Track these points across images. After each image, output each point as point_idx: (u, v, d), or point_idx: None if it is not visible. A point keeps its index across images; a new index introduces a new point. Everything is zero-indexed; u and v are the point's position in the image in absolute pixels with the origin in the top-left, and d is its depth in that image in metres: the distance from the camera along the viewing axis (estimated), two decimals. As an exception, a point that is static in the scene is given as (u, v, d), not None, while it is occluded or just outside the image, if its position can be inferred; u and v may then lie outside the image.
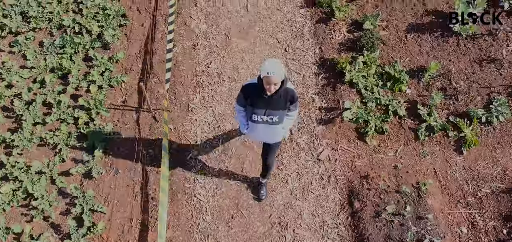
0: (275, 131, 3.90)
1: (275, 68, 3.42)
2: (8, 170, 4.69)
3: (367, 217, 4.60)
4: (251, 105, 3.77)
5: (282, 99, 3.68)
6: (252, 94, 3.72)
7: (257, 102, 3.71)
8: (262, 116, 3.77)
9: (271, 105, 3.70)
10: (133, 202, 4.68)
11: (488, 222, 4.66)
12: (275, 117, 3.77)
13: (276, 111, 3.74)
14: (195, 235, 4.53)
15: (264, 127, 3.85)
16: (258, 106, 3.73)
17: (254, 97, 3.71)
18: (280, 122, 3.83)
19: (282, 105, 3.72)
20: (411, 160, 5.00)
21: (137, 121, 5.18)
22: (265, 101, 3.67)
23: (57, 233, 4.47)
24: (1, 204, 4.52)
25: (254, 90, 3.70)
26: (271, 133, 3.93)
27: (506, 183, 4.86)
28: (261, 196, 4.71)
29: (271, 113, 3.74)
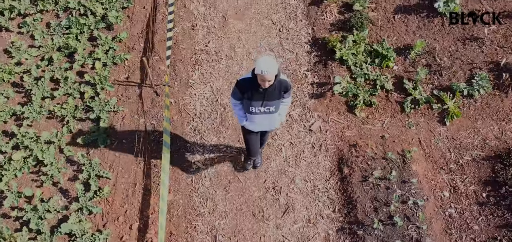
0: (272, 118, 4.15)
1: (269, 66, 3.61)
2: (19, 140, 4.98)
3: (355, 182, 4.90)
4: (248, 99, 3.95)
5: (276, 91, 3.90)
6: (248, 89, 3.90)
7: (253, 96, 3.90)
8: (260, 108, 3.99)
9: (267, 97, 3.91)
10: (136, 169, 4.98)
11: (468, 187, 4.96)
12: (272, 107, 4.00)
13: (272, 102, 3.96)
14: (195, 199, 4.83)
15: (262, 116, 4.08)
16: (255, 99, 3.92)
17: (250, 91, 3.90)
18: (276, 111, 4.08)
19: (277, 96, 3.95)
20: (397, 130, 5.30)
21: (140, 95, 5.47)
22: (261, 94, 3.88)
23: (66, 197, 4.76)
24: (13, 171, 4.81)
25: (249, 85, 3.88)
26: (269, 121, 4.17)
27: (486, 151, 5.16)
28: (256, 163, 5.00)
29: (268, 104, 3.97)
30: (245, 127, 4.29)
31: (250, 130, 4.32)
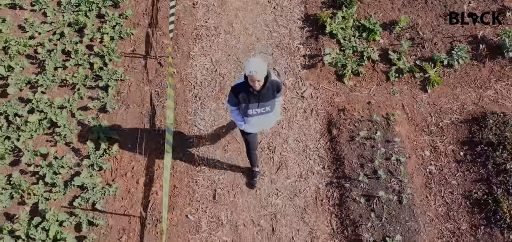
0: (268, 118, 4.35)
1: (257, 67, 3.76)
2: (34, 104, 5.38)
3: (343, 141, 5.30)
4: (244, 102, 4.11)
5: (270, 92, 4.08)
6: (242, 93, 4.05)
7: (249, 99, 4.07)
8: (256, 110, 4.16)
9: (262, 98, 4.08)
10: (142, 130, 5.38)
11: (447, 146, 5.37)
12: (268, 107, 4.19)
13: (267, 102, 4.14)
14: (196, 157, 5.22)
15: (259, 118, 4.26)
16: (251, 102, 4.09)
17: (245, 95, 4.05)
18: (272, 110, 4.26)
19: (271, 96, 4.12)
20: (383, 97, 5.71)
21: (145, 66, 5.87)
22: (256, 96, 4.04)
23: (77, 156, 5.15)
24: (29, 132, 5.21)
25: (244, 89, 4.04)
26: (266, 121, 4.39)
27: (464, 115, 5.57)
28: (254, 183, 5.04)
29: (263, 105, 4.15)
30: (243, 131, 4.46)
31: (249, 132, 4.50)
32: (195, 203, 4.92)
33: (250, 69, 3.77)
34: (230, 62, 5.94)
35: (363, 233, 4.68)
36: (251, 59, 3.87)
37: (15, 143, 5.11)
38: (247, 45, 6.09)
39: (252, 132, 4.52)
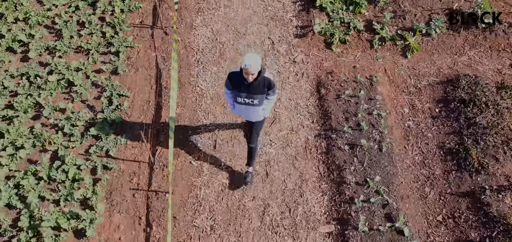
0: (256, 111, 4.57)
1: (252, 62, 4.07)
2: (53, 67, 5.93)
3: (331, 99, 5.84)
4: (235, 89, 4.43)
5: (260, 86, 4.33)
6: (236, 81, 4.38)
7: (240, 88, 4.37)
8: (245, 99, 4.42)
9: (251, 90, 4.35)
10: (150, 90, 5.92)
11: (424, 104, 5.91)
12: (255, 100, 4.41)
13: (255, 95, 4.38)
14: (198, 113, 5.77)
15: (246, 107, 4.52)
16: (241, 90, 4.38)
17: (237, 83, 4.37)
18: (260, 104, 4.48)
19: (261, 90, 4.36)
20: (367, 62, 6.26)
21: (152, 35, 6.43)
22: (246, 87, 4.33)
23: (92, 111, 5.70)
24: (49, 90, 5.75)
25: (237, 78, 4.35)
26: (253, 113, 4.61)
27: (440, 77, 6.12)
28: (247, 182, 5.16)
29: (252, 97, 4.39)
30: (234, 113, 4.88)
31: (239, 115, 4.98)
32: (197, 151, 5.46)
33: (246, 63, 4.07)
34: (229, 32, 6.49)
35: (346, 176, 5.22)
36: (247, 55, 4.16)
37: (37, 99, 5.65)
38: (245, 18, 6.64)
39: (244, 117, 4.88)
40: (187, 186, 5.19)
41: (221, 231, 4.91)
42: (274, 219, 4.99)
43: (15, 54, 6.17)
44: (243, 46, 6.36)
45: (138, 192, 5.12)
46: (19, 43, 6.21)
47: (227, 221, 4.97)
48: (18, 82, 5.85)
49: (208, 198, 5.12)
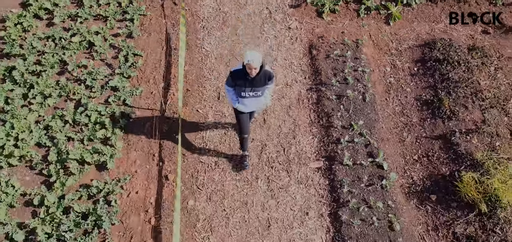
0: (259, 101, 4.97)
1: (254, 58, 4.42)
2: (75, 30, 6.63)
3: (321, 58, 6.52)
4: (238, 86, 4.76)
5: (262, 79, 4.71)
6: (239, 78, 4.69)
7: (244, 83, 4.70)
8: (249, 93, 4.80)
9: (255, 84, 4.71)
10: (161, 51, 6.61)
11: (404, 64, 6.59)
12: (259, 92, 4.82)
13: (258, 88, 4.78)
14: (204, 70, 6.45)
15: (251, 100, 4.89)
16: (245, 85, 4.72)
17: (241, 79, 4.70)
18: (262, 95, 4.90)
19: (262, 83, 4.76)
20: (354, 28, 6.94)
21: (162, 5, 7.12)
22: (250, 82, 4.68)
23: (111, 68, 6.38)
24: (72, 49, 6.44)
25: (240, 74, 4.66)
26: (256, 103, 4.99)
27: (418, 41, 6.79)
28: (245, 165, 5.50)
29: (255, 89, 4.78)
30: (237, 109, 5.04)
31: (241, 111, 5.09)
32: (203, 101, 6.13)
33: (248, 59, 4.44)
34: (231, 3, 7.18)
35: (334, 121, 5.88)
36: (249, 51, 4.54)
37: (62, 57, 6.34)
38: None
39: (244, 112, 5.13)
40: (194, 129, 5.86)
41: (224, 167, 5.57)
42: (270, 157, 5.65)
43: (41, 20, 6.86)
44: (244, 15, 7.05)
45: (151, 134, 5.79)
46: (45, 11, 6.91)
47: (229, 158, 5.63)
48: (44, 44, 6.54)
49: (212, 139, 5.79)
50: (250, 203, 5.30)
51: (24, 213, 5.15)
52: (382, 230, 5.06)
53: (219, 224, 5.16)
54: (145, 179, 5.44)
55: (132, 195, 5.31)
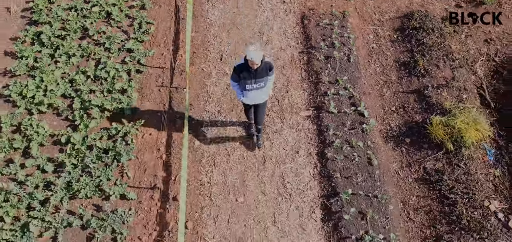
0: (262, 92, 5.24)
1: (255, 55, 4.74)
2: (95, 2, 7.42)
3: (311, 26, 7.29)
4: (243, 79, 5.04)
5: (263, 71, 5.01)
6: (242, 71, 4.99)
7: (247, 76, 4.99)
8: (253, 85, 5.07)
9: (257, 75, 5.00)
10: (170, 20, 7.39)
11: (385, 32, 7.35)
12: (261, 83, 5.09)
13: (261, 79, 5.05)
14: (208, 36, 7.22)
15: (255, 92, 5.16)
16: (248, 78, 5.01)
17: (244, 73, 4.98)
18: (265, 86, 5.16)
19: (264, 74, 5.04)
20: (341, 2, 7.70)
21: (171, -18, 7.96)
22: (252, 74, 4.98)
23: (126, 34, 7.17)
24: (92, 18, 7.23)
25: (243, 68, 4.96)
26: (260, 94, 5.26)
27: (399, 13, 7.56)
28: (259, 145, 5.99)
29: (258, 81, 5.05)
30: (244, 102, 5.45)
31: (248, 104, 5.48)
32: (207, 62, 6.90)
33: (251, 56, 4.77)
34: (233, -19, 8.02)
35: (322, 77, 6.64)
36: (251, 47, 4.80)
37: (83, 24, 7.13)
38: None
39: (250, 105, 5.47)
40: (200, 84, 6.62)
41: (225, 114, 6.32)
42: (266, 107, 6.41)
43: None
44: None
45: (162, 88, 6.55)
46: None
47: (231, 108, 6.39)
48: (68, 13, 7.33)
49: (216, 93, 6.55)
50: (248, 144, 6.05)
51: (53, 150, 5.90)
52: (362, 164, 5.80)
53: (221, 160, 5.91)
54: (157, 124, 6.20)
55: (146, 136, 6.07)
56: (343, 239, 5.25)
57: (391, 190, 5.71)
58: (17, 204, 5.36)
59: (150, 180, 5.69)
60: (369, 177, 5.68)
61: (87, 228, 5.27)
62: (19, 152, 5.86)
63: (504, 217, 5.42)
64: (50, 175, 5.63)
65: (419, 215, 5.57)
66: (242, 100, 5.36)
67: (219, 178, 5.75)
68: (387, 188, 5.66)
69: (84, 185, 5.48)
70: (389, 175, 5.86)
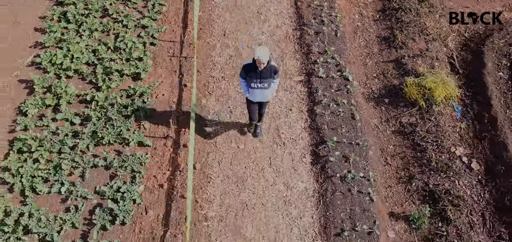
0: (266, 92, 5.65)
1: (262, 54, 5.16)
2: (113, -14, 8.38)
3: (304, 7, 8.20)
4: (250, 78, 5.48)
5: (268, 72, 5.39)
6: (250, 70, 5.42)
7: (253, 75, 5.41)
8: (258, 84, 5.48)
9: (262, 76, 5.40)
10: (180, 2, 8.30)
11: (369, 13, 8.27)
12: (266, 83, 5.49)
13: (266, 80, 5.46)
14: (213, 16, 8.13)
15: (258, 90, 5.57)
16: (254, 77, 5.43)
17: (251, 72, 5.41)
18: (269, 87, 5.56)
19: (269, 76, 5.44)
20: (330, -12, 8.68)
21: (180, -29, 8.90)
22: (258, 74, 5.39)
23: (141, 14, 8.08)
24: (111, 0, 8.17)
25: (251, 67, 5.39)
26: (264, 94, 5.67)
27: (381, -3, 8.53)
28: (257, 134, 6.48)
29: (263, 81, 5.46)
30: (248, 98, 5.85)
31: (251, 101, 5.88)
32: (212, 36, 7.80)
33: (258, 55, 5.20)
34: (234, -30, 8.96)
35: (312, 49, 7.52)
36: (258, 48, 5.26)
37: (104, 4, 8.05)
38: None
39: (253, 102, 5.88)
40: (206, 55, 7.51)
41: (228, 79, 7.18)
42: (264, 73, 7.28)
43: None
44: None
45: (173, 57, 7.44)
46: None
47: (232, 75, 7.26)
48: (90, -4, 8.28)
49: (220, 62, 7.43)
50: (248, 103, 6.91)
51: (79, 107, 6.76)
52: (346, 119, 6.65)
53: (225, 116, 6.77)
54: (169, 86, 7.07)
55: (160, 96, 6.94)
56: (329, 177, 6.07)
57: (371, 140, 6.56)
58: (50, 148, 6.20)
59: (163, 131, 6.54)
60: (352, 129, 6.53)
61: (110, 168, 6.11)
62: (50, 109, 6.72)
63: (467, 160, 6.26)
64: (77, 127, 6.49)
65: (395, 160, 6.41)
66: (247, 96, 5.84)
67: (222, 129, 6.60)
68: (367, 138, 6.50)
69: (107, 133, 6.33)
70: (370, 128, 6.71)
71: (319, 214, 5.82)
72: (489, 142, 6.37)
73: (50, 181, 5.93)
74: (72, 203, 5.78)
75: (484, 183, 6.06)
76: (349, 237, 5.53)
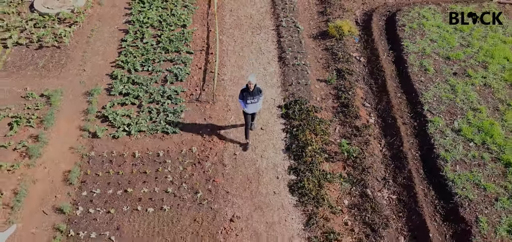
0: (256, 105, 8.52)
1: (252, 79, 8.07)
2: (167, -12, 13.99)
3: None
4: (245, 97, 8.21)
5: (257, 91, 8.26)
6: (246, 92, 8.22)
7: (247, 95, 8.20)
8: (251, 100, 8.31)
9: (253, 95, 8.25)
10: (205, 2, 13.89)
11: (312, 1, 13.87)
12: (255, 99, 8.32)
13: (255, 97, 8.30)
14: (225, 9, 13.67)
15: (251, 105, 8.40)
16: (248, 96, 8.23)
17: (246, 93, 8.21)
18: (258, 101, 8.44)
19: (257, 93, 8.29)
20: (292, -11, 14.32)
21: (205, -19, 14.57)
22: (250, 94, 8.21)
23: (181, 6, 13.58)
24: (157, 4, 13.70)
25: (245, 90, 8.21)
26: (255, 107, 8.52)
27: (320, -6, 14.17)
28: (252, 127, 9.39)
29: (254, 98, 8.31)
30: (244, 111, 8.61)
31: (247, 113, 8.58)
32: (224, 11, 13.23)
33: (250, 80, 8.10)
34: (236, -18, 14.62)
35: (280, 15, 12.96)
36: (251, 75, 8.35)
37: None
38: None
39: (249, 113, 8.65)
40: (222, 18, 12.88)
41: (238, 30, 12.52)
42: (252, 30, 12.63)
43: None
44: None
45: (204, 15, 12.84)
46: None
47: (235, 26, 12.60)
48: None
49: (231, 24, 12.75)
50: (244, 40, 12.22)
51: (154, 39, 12.01)
52: (297, 43, 11.89)
53: (230, 43, 12.01)
54: (202, 32, 12.37)
55: (196, 34, 12.24)
56: (286, 65, 11.22)
57: (309, 52, 11.78)
58: (142, 52, 11.40)
59: (200, 46, 11.76)
60: (299, 48, 11.78)
61: (173, 61, 11.25)
62: (138, 40, 11.96)
63: (358, 57, 11.47)
64: (154, 46, 11.69)
65: (322, 60, 11.58)
66: (244, 110, 8.62)
67: (231, 47, 11.82)
68: (308, 52, 11.74)
69: (170, 47, 11.55)
70: (309, 48, 11.95)
71: (281, 79, 10.92)
72: (370, 49, 11.65)
73: (144, 65, 11.06)
74: (155, 74, 10.89)
75: (365, 65, 11.25)
76: (295, 87, 10.60)
